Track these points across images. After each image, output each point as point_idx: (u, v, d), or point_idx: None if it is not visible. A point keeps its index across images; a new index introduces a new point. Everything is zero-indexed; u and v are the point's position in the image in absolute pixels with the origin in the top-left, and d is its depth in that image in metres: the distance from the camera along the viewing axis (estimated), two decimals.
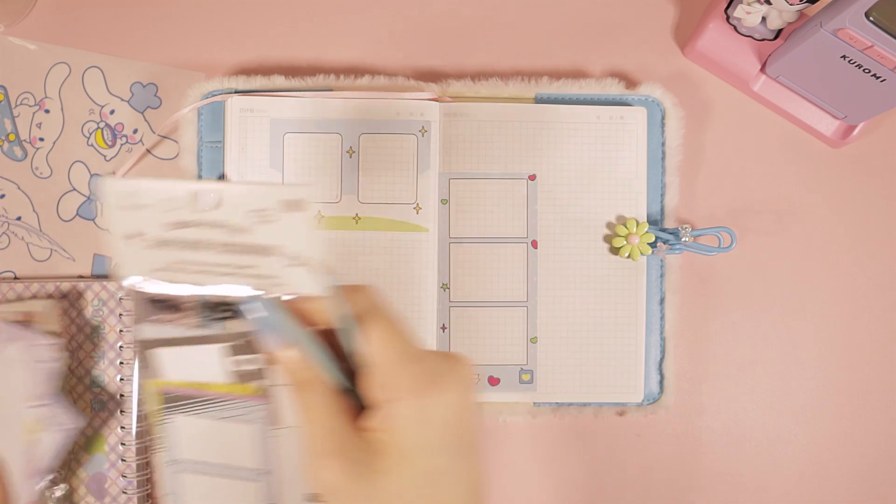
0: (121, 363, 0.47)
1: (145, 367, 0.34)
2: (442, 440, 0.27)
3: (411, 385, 0.27)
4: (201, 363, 0.34)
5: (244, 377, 0.34)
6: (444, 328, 0.48)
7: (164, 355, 0.34)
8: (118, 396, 0.47)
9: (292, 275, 0.28)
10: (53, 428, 0.46)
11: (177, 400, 0.34)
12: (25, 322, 0.47)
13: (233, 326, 0.33)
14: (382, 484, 0.26)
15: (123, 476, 0.47)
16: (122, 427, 0.47)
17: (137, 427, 0.47)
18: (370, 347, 0.27)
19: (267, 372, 0.34)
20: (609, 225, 0.48)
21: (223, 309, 0.33)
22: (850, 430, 0.49)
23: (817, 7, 0.45)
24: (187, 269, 0.30)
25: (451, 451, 0.27)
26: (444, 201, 0.48)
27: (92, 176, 0.50)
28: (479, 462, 0.28)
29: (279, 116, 0.47)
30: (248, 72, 0.50)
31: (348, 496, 0.26)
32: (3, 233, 0.50)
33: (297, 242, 0.28)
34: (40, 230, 0.50)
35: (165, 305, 0.33)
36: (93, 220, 0.50)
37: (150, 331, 0.34)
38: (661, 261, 0.48)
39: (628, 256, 0.47)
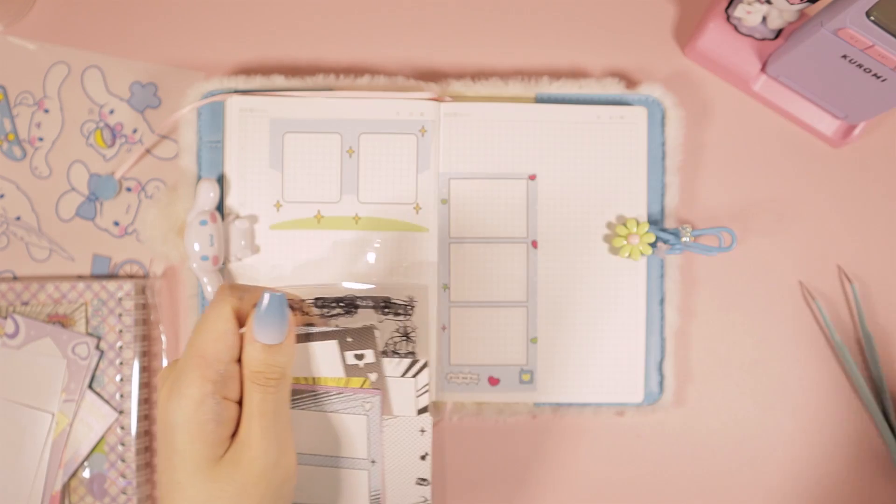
0: (120, 363, 0.47)
1: None
2: None
3: None
4: (317, 359, 0.35)
5: (357, 371, 0.36)
6: (444, 328, 0.47)
7: None
8: (118, 396, 0.47)
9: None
10: (83, 421, 0.47)
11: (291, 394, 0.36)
12: (58, 321, 0.48)
13: (348, 323, 0.35)
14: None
15: (123, 476, 0.47)
16: (122, 427, 0.47)
17: (137, 427, 0.47)
18: None
19: (379, 366, 0.35)
20: (609, 225, 0.48)
21: (340, 306, 0.37)
22: (851, 431, 0.49)
23: (818, 7, 0.45)
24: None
25: None
26: (444, 201, 0.48)
27: (91, 175, 0.50)
28: None
29: (279, 116, 0.47)
30: (247, 71, 0.50)
31: None
32: (3, 233, 0.50)
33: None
34: (39, 230, 0.50)
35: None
36: (92, 219, 0.50)
37: None
38: (662, 261, 0.48)
39: (628, 256, 0.47)
